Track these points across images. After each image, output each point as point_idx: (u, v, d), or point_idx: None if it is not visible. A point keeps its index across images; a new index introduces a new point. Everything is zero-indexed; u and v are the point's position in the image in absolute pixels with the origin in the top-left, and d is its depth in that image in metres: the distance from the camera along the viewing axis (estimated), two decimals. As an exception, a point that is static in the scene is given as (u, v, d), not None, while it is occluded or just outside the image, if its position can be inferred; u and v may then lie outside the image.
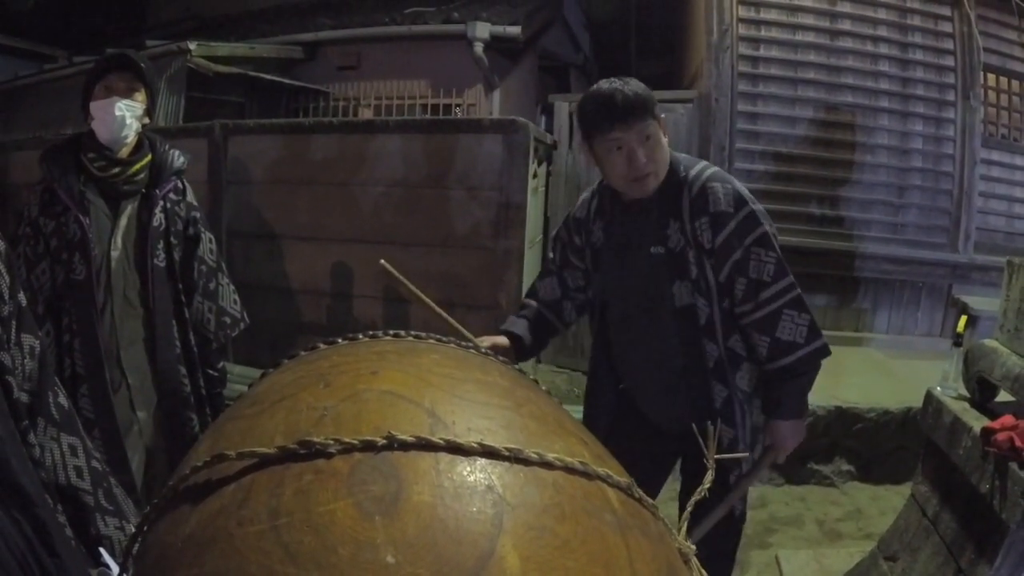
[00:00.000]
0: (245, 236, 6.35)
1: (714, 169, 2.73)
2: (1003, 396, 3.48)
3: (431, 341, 1.25)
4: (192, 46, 7.63)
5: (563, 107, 7.80)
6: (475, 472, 0.88)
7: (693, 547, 1.15)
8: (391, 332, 1.25)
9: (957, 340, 3.82)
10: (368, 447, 0.87)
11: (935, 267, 8.23)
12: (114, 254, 3.32)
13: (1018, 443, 2.89)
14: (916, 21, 8.16)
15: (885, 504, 5.54)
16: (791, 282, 2.69)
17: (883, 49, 8.12)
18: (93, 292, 3.26)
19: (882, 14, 8.10)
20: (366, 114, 9.56)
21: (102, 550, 1.36)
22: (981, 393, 3.52)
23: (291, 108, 9.66)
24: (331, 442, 0.87)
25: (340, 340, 1.25)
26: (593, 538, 0.89)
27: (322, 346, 1.24)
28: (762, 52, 7.96)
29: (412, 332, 1.26)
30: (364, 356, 1.12)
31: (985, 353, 3.48)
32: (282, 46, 9.60)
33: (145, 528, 1.02)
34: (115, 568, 1.26)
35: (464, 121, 7.53)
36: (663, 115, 2.66)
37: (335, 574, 0.76)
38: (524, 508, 0.87)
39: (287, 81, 9.32)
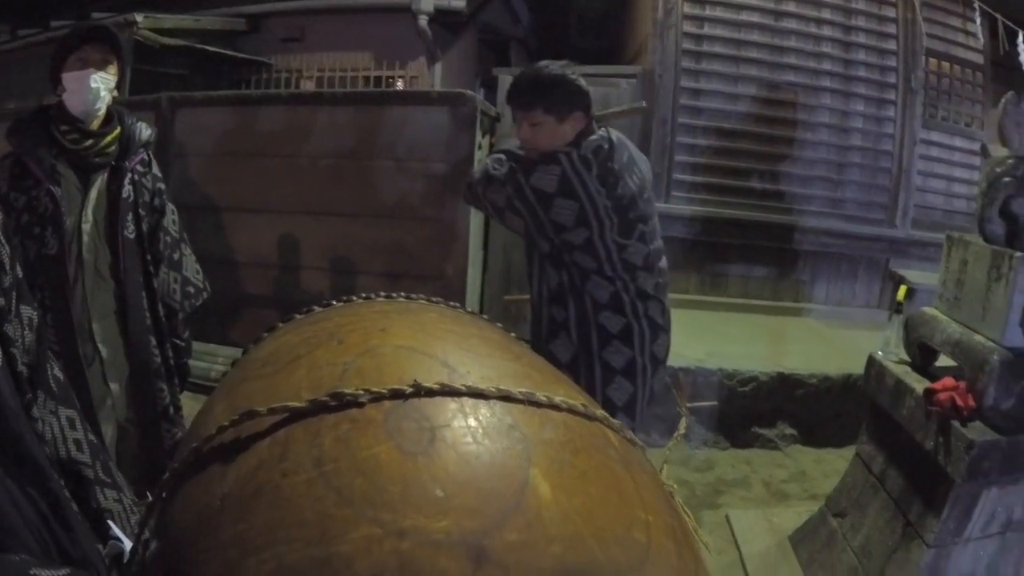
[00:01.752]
0: (192, 209, 6.24)
1: (590, 138, 3.14)
2: (942, 361, 3.75)
3: (422, 301, 1.37)
4: (139, 18, 7.65)
5: (507, 80, 7.87)
6: (497, 414, 0.96)
7: (675, 486, 1.29)
8: (382, 294, 1.37)
9: (897, 308, 4.11)
10: (397, 395, 0.94)
11: (873, 241, 8.69)
12: (85, 227, 3.37)
13: (959, 402, 3.20)
14: (860, 5, 8.58)
15: (829, 467, 5.83)
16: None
17: (827, 32, 8.52)
18: (66, 266, 3.32)
19: (827, -2, 8.52)
20: (308, 86, 9.64)
21: (111, 523, 1.35)
22: (922, 358, 3.80)
23: (234, 80, 9.68)
24: (361, 392, 0.94)
25: (335, 302, 1.35)
26: (604, 469, 0.98)
27: (317, 309, 1.32)
28: (706, 30, 8.28)
29: (401, 293, 1.38)
30: (367, 315, 1.22)
31: (925, 320, 3.76)
32: (226, 18, 9.57)
33: (164, 495, 1.05)
34: (126, 541, 1.26)
35: (411, 93, 7.87)
36: (579, 113, 3.11)
37: (389, 510, 0.81)
38: (544, 444, 0.95)
39: (231, 53, 9.37)
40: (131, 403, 3.61)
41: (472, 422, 0.93)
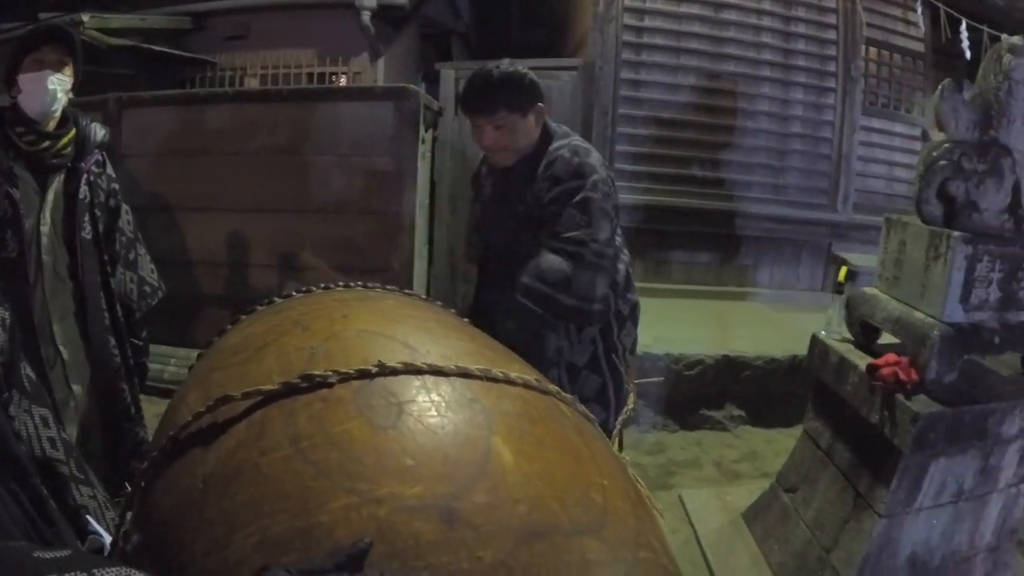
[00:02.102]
0: (140, 209, 6.03)
1: (574, 143, 3.04)
2: (884, 339, 3.90)
3: (379, 289, 1.45)
4: (85, 18, 7.45)
5: (449, 74, 8.12)
6: (458, 389, 1.03)
7: (627, 457, 1.32)
8: (340, 284, 1.43)
9: (839, 289, 4.26)
10: (364, 375, 1.01)
11: (815, 226, 8.88)
12: (43, 229, 3.34)
13: (903, 377, 3.31)
14: (801, -4, 8.77)
15: (778, 446, 5.94)
16: (581, 239, 2.85)
17: (767, 22, 8.65)
18: (26, 269, 3.28)
19: (767, -11, 8.65)
20: (253, 84, 9.51)
21: (89, 518, 1.36)
22: (864, 336, 3.93)
23: (179, 79, 9.51)
24: (330, 373, 1.01)
25: (295, 293, 1.41)
26: (560, 438, 1.06)
27: (278, 300, 1.39)
28: (647, 23, 8.36)
29: (359, 283, 1.46)
30: (329, 304, 1.28)
31: (866, 299, 3.88)
32: (172, 16, 9.37)
33: (142, 484, 1.09)
34: (105, 535, 1.29)
35: (356, 89, 7.87)
36: (539, 104, 3.01)
37: (365, 480, 0.87)
38: (503, 415, 1.02)
39: (177, 52, 9.23)
40: (93, 404, 3.57)
41: (435, 397, 1.00)
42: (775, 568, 3.95)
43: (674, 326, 6.95)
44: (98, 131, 3.59)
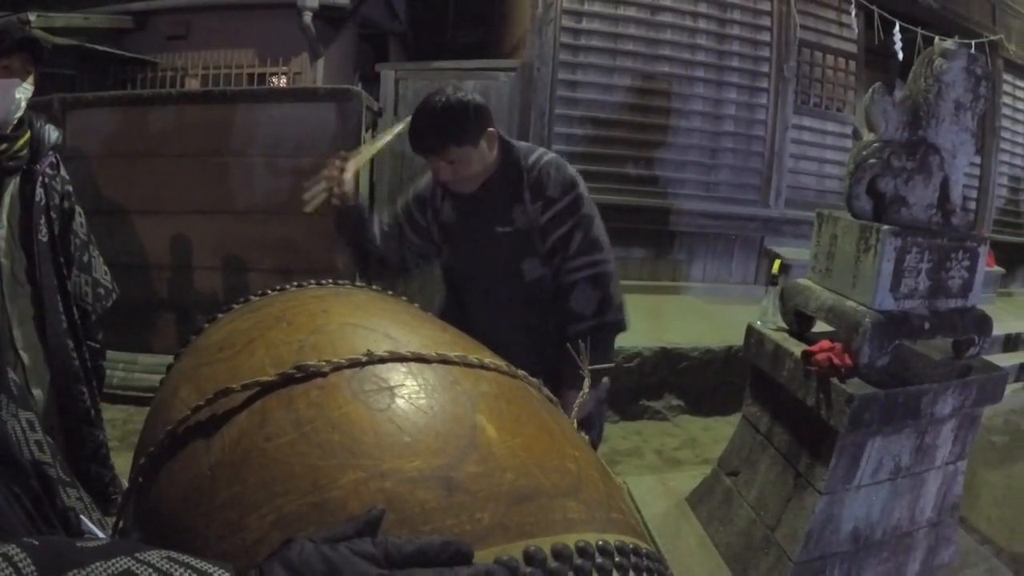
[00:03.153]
0: (86, 212, 5.80)
1: (550, 156, 3.07)
2: (817, 328, 4.04)
3: (349, 286, 1.49)
4: (32, 17, 7.39)
5: (389, 75, 8.18)
6: (440, 373, 1.08)
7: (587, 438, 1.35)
8: (312, 281, 1.46)
9: (773, 280, 4.35)
10: (355, 364, 1.05)
11: (748, 221, 9.11)
12: (1, 232, 3.32)
13: (836, 361, 3.47)
14: (736, 0, 8.95)
15: (717, 433, 6.11)
16: (594, 260, 3.01)
17: (702, 25, 8.83)
18: None
19: (703, -7, 8.80)
20: (193, 84, 9.43)
21: (83, 517, 1.31)
22: (798, 324, 4.05)
23: (120, 80, 9.42)
24: (323, 363, 1.04)
25: (270, 291, 1.43)
26: (533, 415, 1.11)
27: (254, 299, 1.40)
28: (584, 25, 8.47)
29: (330, 280, 1.48)
30: (307, 300, 1.30)
31: (800, 290, 4.01)
32: (114, 16, 9.28)
33: (140, 479, 1.12)
34: (100, 534, 1.23)
35: (298, 90, 7.78)
36: (490, 129, 2.93)
37: (368, 457, 0.91)
38: (483, 395, 1.07)
39: (119, 52, 9.13)
40: (53, 408, 3.55)
41: (422, 380, 1.05)
42: (721, 548, 4.07)
43: (611, 320, 7.04)
44: (51, 133, 3.57)
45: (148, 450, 1.11)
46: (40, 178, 3.45)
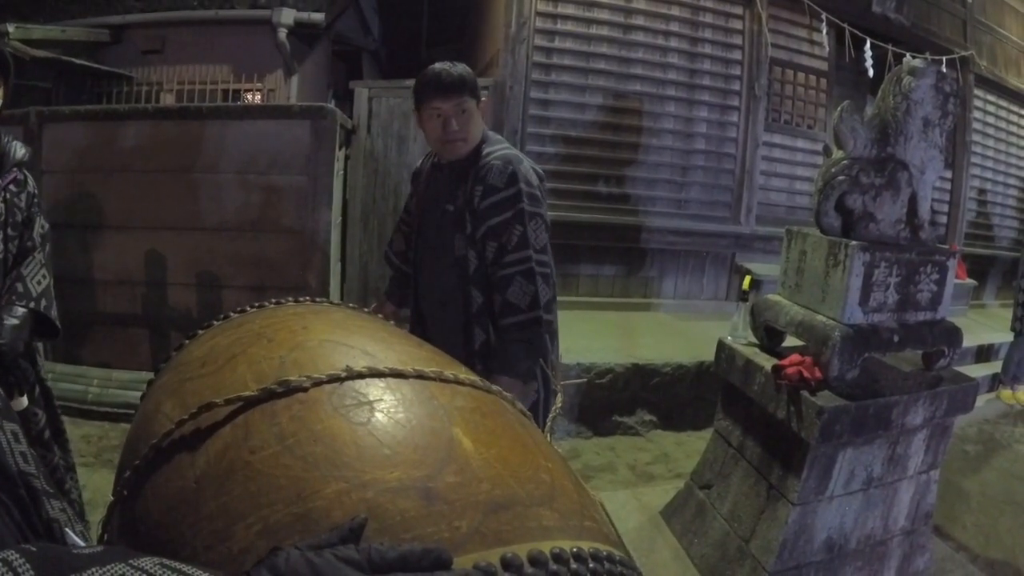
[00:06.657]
0: (60, 227, 5.84)
1: (508, 152, 3.19)
2: (787, 343, 4.09)
3: (327, 304, 1.54)
4: (11, 28, 7.35)
5: (363, 92, 8.15)
6: (416, 388, 1.12)
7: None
8: (290, 299, 1.51)
9: (743, 296, 4.41)
10: (334, 379, 1.09)
11: (718, 238, 9.15)
12: None
13: (807, 375, 3.53)
14: (708, 19, 9.00)
15: (690, 448, 6.14)
16: (529, 255, 3.09)
17: (673, 43, 8.87)
18: None
19: (675, 11, 8.86)
20: (168, 99, 9.49)
21: (67, 530, 1.30)
22: (769, 339, 4.12)
23: (95, 93, 9.42)
24: (304, 379, 1.08)
25: (249, 308, 1.47)
26: (508, 428, 1.14)
27: (233, 315, 1.44)
28: (557, 44, 8.48)
29: (307, 297, 1.55)
30: (286, 317, 1.34)
31: (770, 306, 4.06)
32: (91, 29, 9.26)
33: (125, 493, 1.14)
34: (83, 544, 1.23)
35: (274, 107, 7.78)
36: (484, 99, 3.25)
37: (348, 469, 0.95)
38: (459, 409, 1.11)
39: (95, 66, 9.09)
40: None
41: (399, 395, 1.09)
42: (696, 560, 4.09)
43: (583, 337, 7.11)
44: (18, 149, 3.43)
45: (133, 463, 1.13)
46: (2, 194, 3.32)
